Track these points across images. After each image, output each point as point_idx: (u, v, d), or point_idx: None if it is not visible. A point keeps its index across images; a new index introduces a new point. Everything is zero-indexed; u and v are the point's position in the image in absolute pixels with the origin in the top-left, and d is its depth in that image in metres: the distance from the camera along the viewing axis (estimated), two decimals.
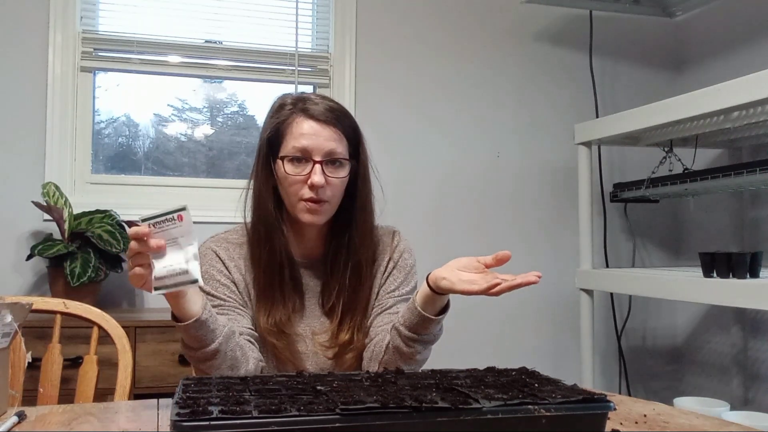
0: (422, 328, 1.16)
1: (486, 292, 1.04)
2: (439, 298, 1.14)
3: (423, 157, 2.68)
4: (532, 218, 2.79)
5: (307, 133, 1.22)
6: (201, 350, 1.10)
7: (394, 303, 1.30)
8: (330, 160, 1.22)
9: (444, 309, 1.17)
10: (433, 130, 2.70)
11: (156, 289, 0.97)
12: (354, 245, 1.28)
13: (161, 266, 0.96)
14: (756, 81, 1.70)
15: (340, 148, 1.24)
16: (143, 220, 0.96)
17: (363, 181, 1.30)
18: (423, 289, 1.15)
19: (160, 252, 0.96)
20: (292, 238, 1.30)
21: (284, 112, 1.26)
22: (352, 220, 1.29)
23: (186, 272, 0.96)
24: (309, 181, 1.20)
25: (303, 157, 1.21)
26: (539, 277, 1.02)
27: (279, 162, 1.24)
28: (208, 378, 0.92)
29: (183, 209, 0.96)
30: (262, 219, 1.27)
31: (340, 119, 1.25)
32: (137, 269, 0.97)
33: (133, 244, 0.96)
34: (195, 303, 1.07)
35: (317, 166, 1.21)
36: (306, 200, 1.22)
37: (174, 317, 1.08)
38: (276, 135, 1.25)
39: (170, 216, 0.96)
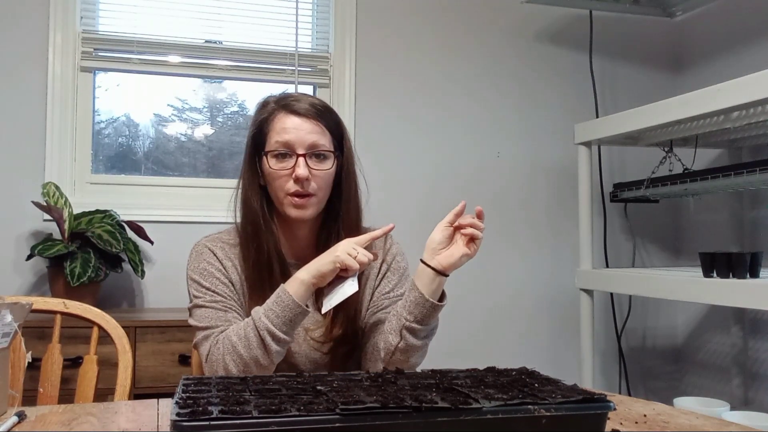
0: (430, 317, 1.20)
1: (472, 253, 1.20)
2: (442, 279, 1.20)
3: (423, 156, 2.68)
4: (532, 218, 2.79)
5: (289, 128, 1.25)
6: (288, 335, 1.17)
7: (390, 304, 1.32)
8: (314, 153, 1.25)
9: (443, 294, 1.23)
10: (433, 130, 2.70)
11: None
12: (342, 238, 1.30)
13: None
14: (756, 81, 1.70)
15: (323, 140, 1.26)
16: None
17: (347, 175, 1.32)
18: (426, 276, 1.19)
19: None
20: (283, 237, 1.32)
21: (267, 109, 1.29)
22: (339, 214, 1.32)
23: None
24: (294, 174, 1.23)
25: (287, 151, 1.24)
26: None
27: (264, 158, 1.26)
28: (208, 378, 0.92)
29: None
30: (249, 218, 1.29)
31: (322, 113, 1.28)
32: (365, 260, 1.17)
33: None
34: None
35: (300, 159, 1.23)
36: (292, 194, 1.24)
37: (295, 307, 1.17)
38: (260, 133, 1.28)
39: None
